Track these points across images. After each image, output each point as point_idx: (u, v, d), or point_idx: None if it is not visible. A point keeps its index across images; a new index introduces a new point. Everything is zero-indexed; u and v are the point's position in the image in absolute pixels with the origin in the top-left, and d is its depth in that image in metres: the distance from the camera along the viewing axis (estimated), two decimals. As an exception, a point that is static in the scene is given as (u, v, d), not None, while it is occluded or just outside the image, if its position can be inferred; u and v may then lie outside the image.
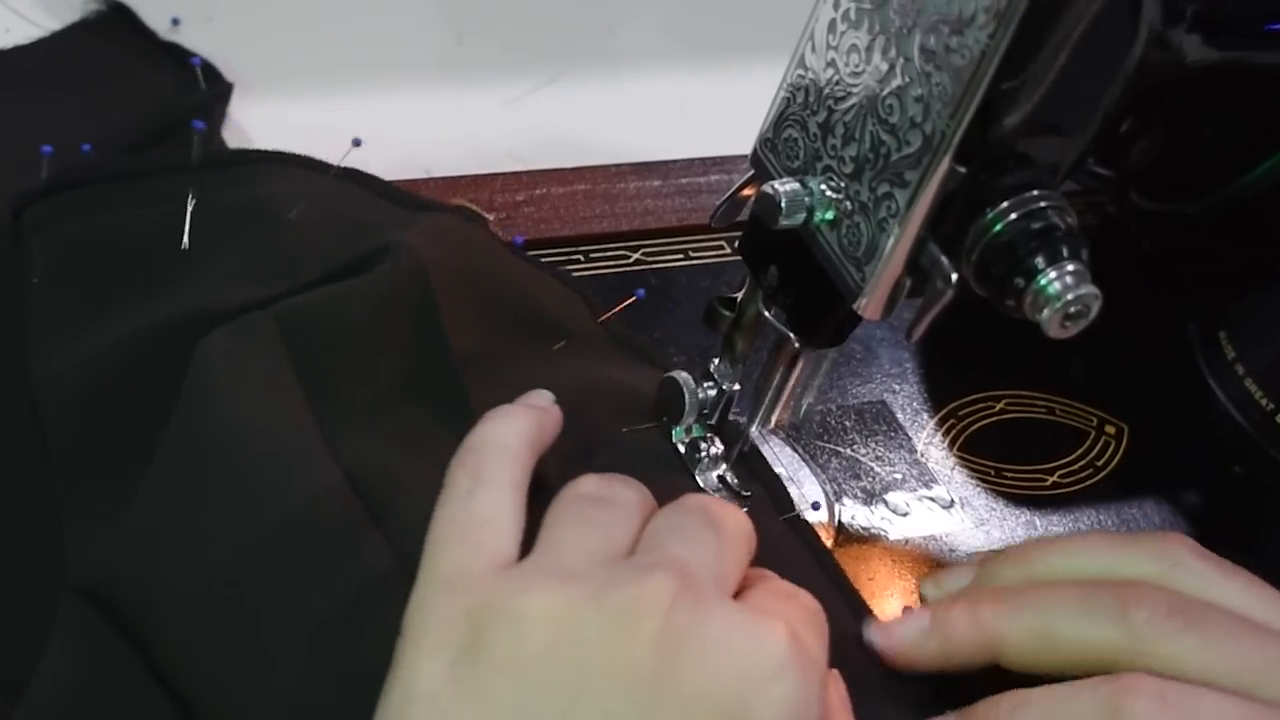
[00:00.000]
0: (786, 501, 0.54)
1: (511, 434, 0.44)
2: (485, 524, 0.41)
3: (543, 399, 0.48)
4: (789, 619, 0.40)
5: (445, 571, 0.40)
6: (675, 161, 0.71)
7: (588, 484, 0.44)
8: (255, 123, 0.70)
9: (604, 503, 0.43)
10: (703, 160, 0.71)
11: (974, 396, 0.62)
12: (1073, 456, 0.60)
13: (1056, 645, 0.45)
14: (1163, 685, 0.43)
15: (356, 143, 0.61)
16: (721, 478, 0.53)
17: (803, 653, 0.39)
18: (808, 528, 0.54)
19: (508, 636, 0.38)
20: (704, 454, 0.54)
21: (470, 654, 0.38)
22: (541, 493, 0.45)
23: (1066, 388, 0.62)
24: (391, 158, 0.64)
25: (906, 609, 0.50)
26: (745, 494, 0.53)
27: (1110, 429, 0.61)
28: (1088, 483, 0.59)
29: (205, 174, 0.59)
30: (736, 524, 0.44)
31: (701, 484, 0.53)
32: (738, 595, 0.42)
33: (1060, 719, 0.43)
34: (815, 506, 0.56)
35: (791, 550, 0.52)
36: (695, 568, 0.40)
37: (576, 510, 0.43)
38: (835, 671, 0.44)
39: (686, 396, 0.53)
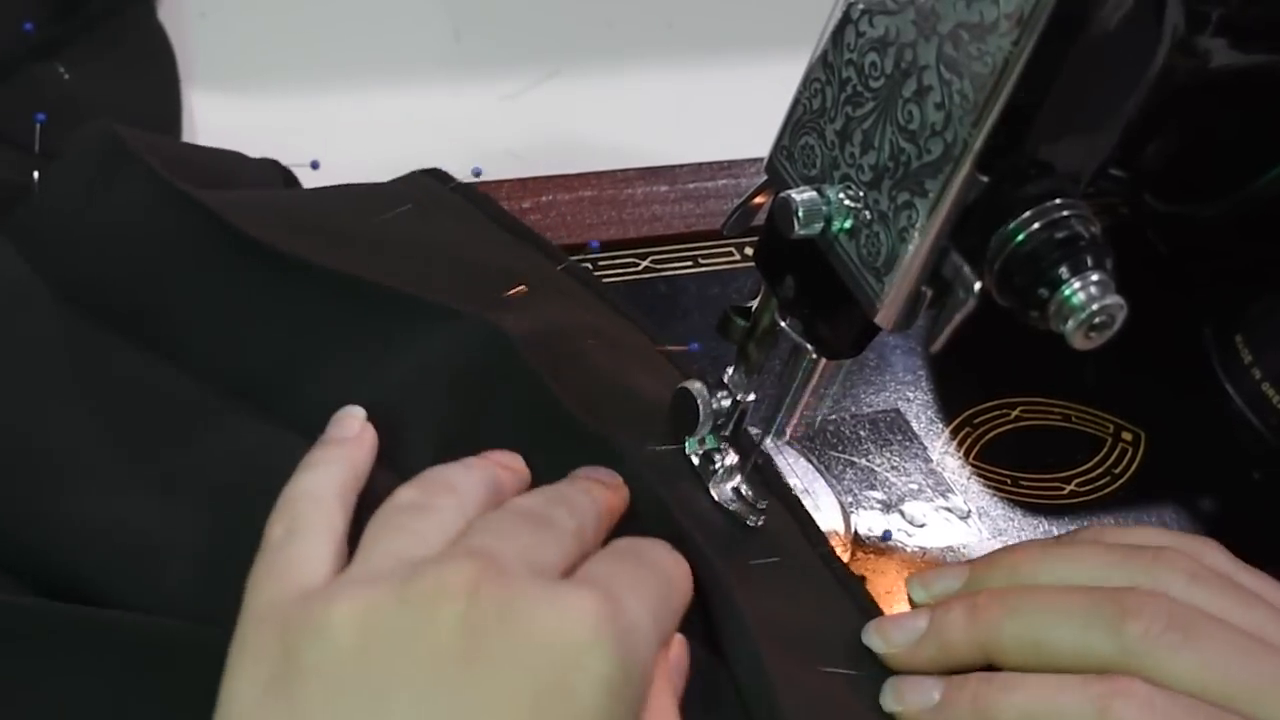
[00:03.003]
0: (802, 512, 0.54)
1: (322, 483, 0.44)
2: (297, 562, 0.41)
3: (354, 424, 0.47)
4: (612, 587, 0.39)
5: (258, 608, 0.40)
6: (682, 166, 0.70)
7: (405, 494, 0.43)
8: (251, 120, 0.69)
9: (419, 509, 0.42)
10: (710, 165, 0.71)
11: (989, 404, 0.61)
12: (1090, 464, 0.60)
13: (1050, 652, 0.45)
14: (1153, 692, 0.43)
15: (315, 165, 0.62)
16: (736, 489, 0.53)
17: (619, 619, 0.38)
18: (823, 538, 0.53)
19: (315, 646, 0.37)
20: (719, 466, 0.53)
21: (282, 671, 0.38)
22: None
23: (1082, 394, 0.62)
24: (389, 156, 0.63)
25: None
26: (760, 505, 0.52)
27: (1127, 435, 0.61)
28: (1105, 490, 0.59)
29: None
30: (564, 515, 0.43)
31: (716, 496, 0.52)
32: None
33: (1048, 708, 0.44)
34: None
35: (805, 562, 0.52)
36: (503, 554, 0.39)
37: (391, 522, 0.42)
38: (680, 637, 0.43)
39: (701, 407, 0.52)
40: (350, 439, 0.46)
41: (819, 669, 0.48)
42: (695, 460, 0.53)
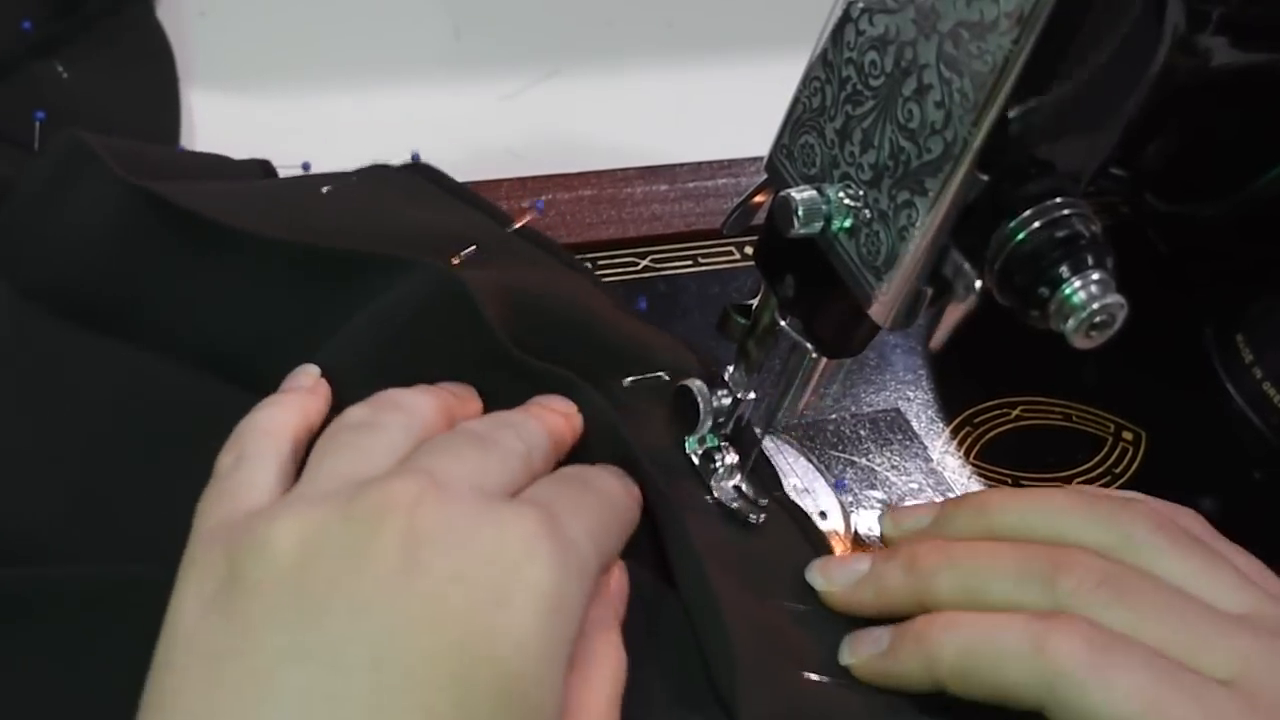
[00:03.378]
0: (798, 511, 0.54)
1: (272, 419, 0.45)
2: (245, 487, 0.42)
3: (308, 378, 0.48)
4: (552, 507, 0.40)
5: (206, 530, 0.41)
6: (682, 165, 0.70)
7: (354, 413, 0.44)
8: (250, 119, 0.69)
9: (368, 428, 0.43)
10: (710, 164, 0.71)
11: (989, 403, 0.61)
12: (1090, 464, 0.59)
13: (984, 604, 0.46)
14: (1092, 629, 0.43)
15: (305, 167, 0.63)
16: (738, 487, 0.53)
17: (558, 536, 0.39)
18: (821, 536, 0.53)
19: (258, 562, 0.38)
20: (719, 464, 0.53)
21: (225, 587, 0.38)
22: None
23: (1083, 393, 0.62)
24: (388, 155, 0.63)
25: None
26: (762, 503, 0.53)
27: (1128, 435, 0.61)
28: (1108, 488, 0.58)
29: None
30: (513, 439, 0.44)
31: (717, 494, 0.52)
32: None
33: (987, 645, 0.44)
34: (823, 516, 0.55)
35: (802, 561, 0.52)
36: (447, 474, 0.40)
37: (339, 440, 0.43)
38: (621, 563, 0.44)
39: (701, 405, 0.52)
40: (304, 389, 0.47)
41: (771, 604, 0.49)
42: (695, 459, 0.53)
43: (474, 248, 0.55)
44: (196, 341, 0.52)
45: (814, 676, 0.47)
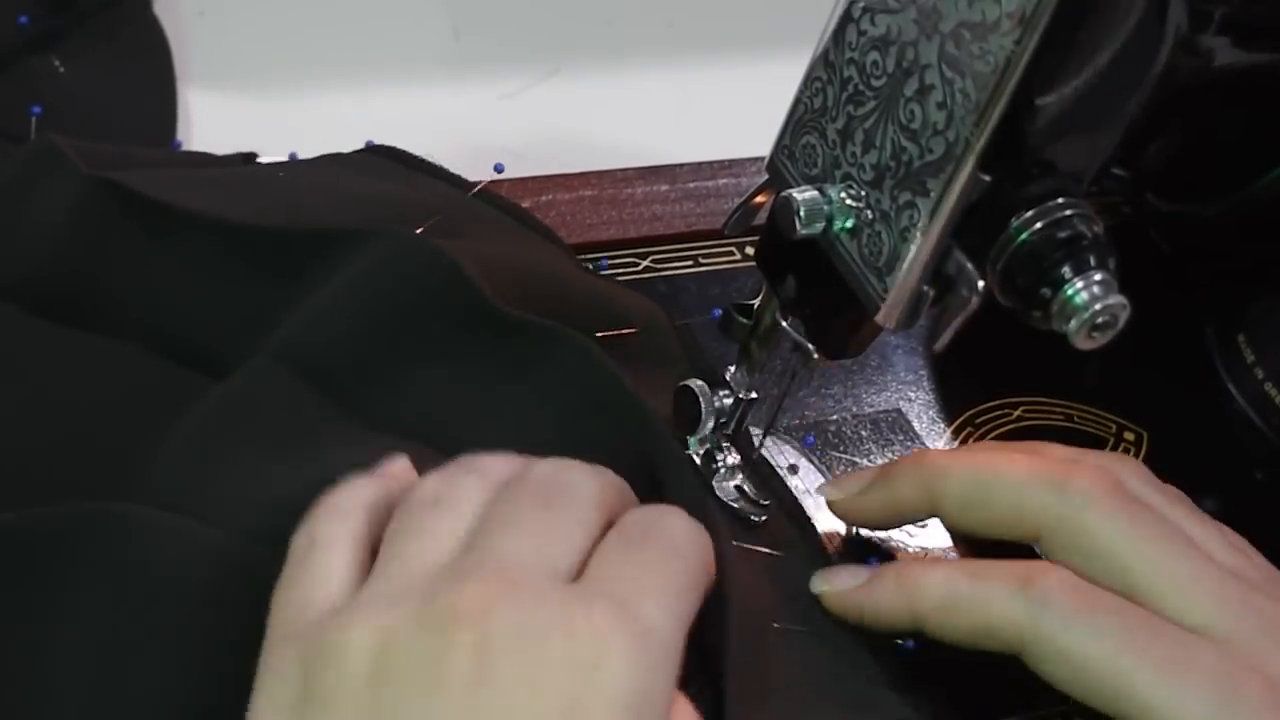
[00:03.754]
0: (799, 511, 0.54)
1: (348, 498, 0.43)
2: (319, 579, 0.40)
3: (398, 466, 0.45)
4: (624, 586, 0.39)
5: (280, 625, 0.40)
6: (683, 165, 0.70)
7: (425, 486, 0.42)
8: (249, 118, 0.69)
9: (438, 504, 0.41)
10: (711, 164, 0.70)
11: (991, 404, 0.61)
12: (1092, 464, 0.59)
13: (989, 504, 0.48)
14: (1075, 577, 0.45)
15: (292, 156, 0.62)
16: (739, 488, 0.53)
17: (633, 627, 0.37)
18: (819, 537, 0.53)
19: (333, 673, 0.37)
20: (720, 464, 0.53)
21: (303, 697, 0.37)
22: None
23: (1084, 394, 0.61)
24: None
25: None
26: (764, 503, 0.53)
27: (1129, 435, 0.61)
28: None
29: None
30: (578, 491, 0.42)
31: (719, 494, 0.52)
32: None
33: (974, 585, 0.46)
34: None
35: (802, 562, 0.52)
36: (520, 559, 0.39)
37: (412, 522, 0.41)
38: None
39: (703, 405, 0.52)
40: (391, 475, 0.45)
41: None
42: (697, 459, 0.53)
43: (439, 216, 0.55)
44: (166, 329, 0.52)
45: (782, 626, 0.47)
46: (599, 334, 0.53)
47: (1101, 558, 0.45)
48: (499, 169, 0.61)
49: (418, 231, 0.52)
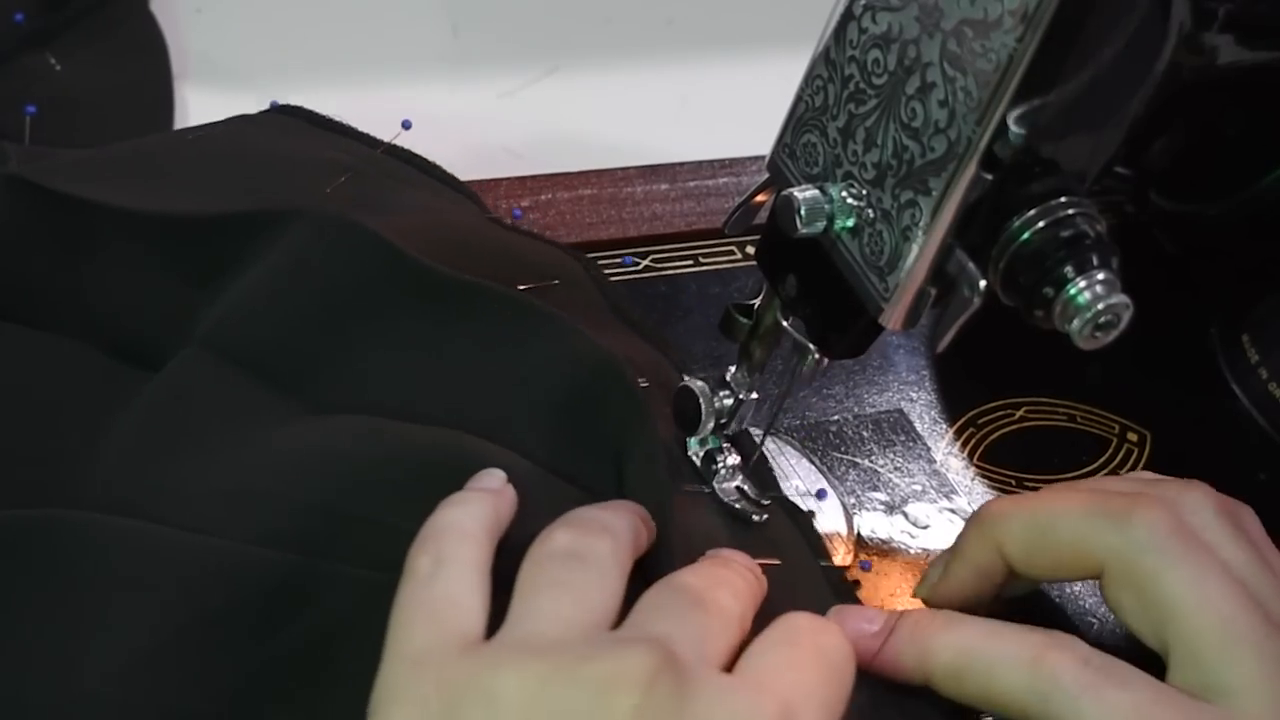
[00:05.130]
0: (797, 511, 0.53)
1: (469, 518, 0.42)
2: (450, 604, 0.40)
3: (495, 480, 0.45)
4: (781, 686, 0.38)
5: (412, 650, 0.39)
6: (683, 164, 0.70)
7: (559, 539, 0.42)
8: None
9: (577, 559, 0.41)
10: (711, 162, 0.70)
11: (993, 404, 0.60)
12: (1095, 465, 0.59)
13: (1054, 540, 0.46)
14: (1090, 650, 0.43)
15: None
16: (739, 488, 0.52)
17: None
18: (818, 538, 0.53)
19: (481, 712, 0.37)
20: (720, 465, 0.52)
21: None
22: None
23: (1087, 394, 0.61)
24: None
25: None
26: (764, 503, 0.52)
27: (1133, 436, 0.60)
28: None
29: None
30: (729, 599, 0.42)
31: (719, 495, 0.52)
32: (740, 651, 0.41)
33: (985, 652, 0.44)
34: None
35: (801, 563, 0.51)
36: (677, 644, 0.38)
37: (548, 572, 0.41)
38: None
39: (703, 405, 0.51)
40: (494, 490, 0.44)
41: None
42: (697, 460, 0.53)
43: (349, 174, 0.55)
44: (98, 325, 0.52)
45: None
46: (521, 287, 0.52)
47: (1152, 605, 0.44)
48: (406, 125, 0.60)
49: (328, 191, 0.53)
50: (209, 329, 0.50)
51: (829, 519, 0.55)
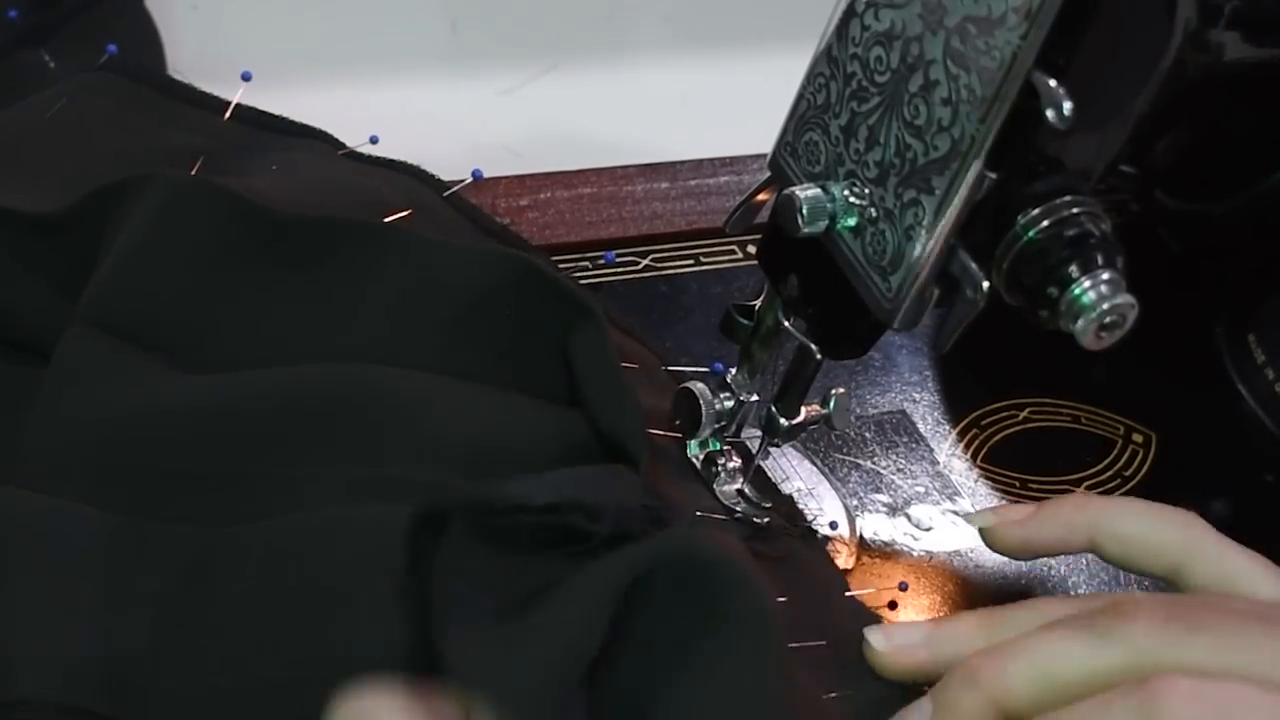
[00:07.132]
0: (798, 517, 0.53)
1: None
2: None
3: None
4: None
5: None
6: (683, 163, 0.69)
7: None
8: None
9: None
10: (711, 161, 0.70)
11: (997, 405, 0.60)
12: (1100, 466, 0.59)
13: (1062, 683, 0.42)
14: (1195, 681, 0.40)
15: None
16: (740, 491, 0.52)
17: None
18: (820, 544, 0.53)
19: None
20: (720, 468, 0.52)
21: None
22: None
23: (1092, 395, 0.61)
24: (383, 152, 0.62)
25: None
26: (765, 505, 0.52)
27: (1138, 437, 0.60)
28: (1116, 493, 0.58)
29: None
30: None
31: (721, 498, 0.51)
32: None
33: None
34: (833, 526, 0.54)
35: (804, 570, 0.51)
36: None
37: None
38: None
39: (703, 408, 0.51)
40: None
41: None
42: (697, 463, 0.52)
43: (203, 158, 0.55)
44: None
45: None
46: (384, 220, 0.53)
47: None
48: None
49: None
50: (86, 304, 0.50)
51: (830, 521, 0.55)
